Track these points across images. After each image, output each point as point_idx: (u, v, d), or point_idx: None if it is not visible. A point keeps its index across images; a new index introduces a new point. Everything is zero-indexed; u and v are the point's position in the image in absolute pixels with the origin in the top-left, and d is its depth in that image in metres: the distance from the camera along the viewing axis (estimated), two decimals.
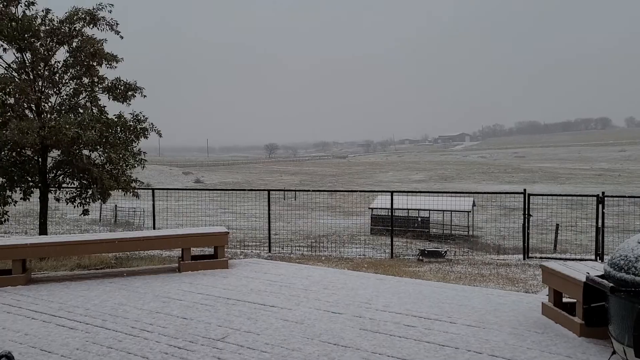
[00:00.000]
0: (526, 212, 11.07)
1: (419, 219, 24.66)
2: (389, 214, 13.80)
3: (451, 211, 25.15)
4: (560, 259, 11.04)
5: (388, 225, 18.92)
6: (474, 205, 25.83)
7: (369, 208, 25.67)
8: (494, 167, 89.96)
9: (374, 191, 24.18)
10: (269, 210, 12.17)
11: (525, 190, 11.32)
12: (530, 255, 11.15)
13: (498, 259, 11.38)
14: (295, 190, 18.01)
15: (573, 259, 10.46)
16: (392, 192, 12.22)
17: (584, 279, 4.37)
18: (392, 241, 12.02)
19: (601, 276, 3.67)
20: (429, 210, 24.77)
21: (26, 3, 9.00)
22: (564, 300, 5.17)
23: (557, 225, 19.30)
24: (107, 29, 9.42)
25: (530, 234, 11.36)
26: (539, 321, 5.18)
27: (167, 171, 75.30)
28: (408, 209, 23.51)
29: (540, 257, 11.31)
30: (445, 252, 12.01)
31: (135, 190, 9.68)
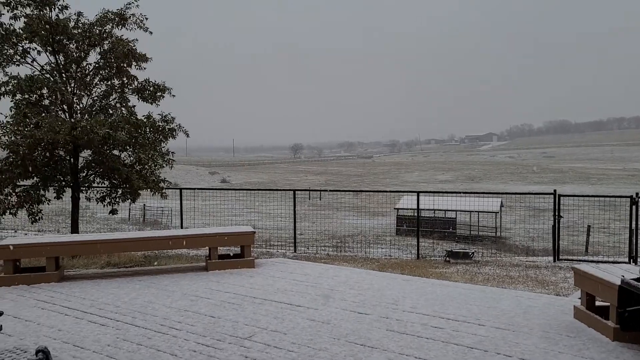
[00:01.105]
0: (557, 213, 10.83)
1: (445, 220, 24.39)
2: (415, 214, 13.69)
3: (478, 212, 24.82)
4: (592, 261, 10.77)
5: (414, 225, 18.76)
6: (501, 206, 25.43)
7: (395, 208, 25.53)
8: (522, 167, 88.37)
9: (400, 191, 24.05)
10: (294, 210, 12.20)
11: (555, 191, 11.08)
12: (560, 257, 10.91)
13: (527, 261, 11.17)
14: (320, 190, 18.03)
15: (606, 262, 10.19)
16: (418, 193, 12.11)
17: (618, 282, 4.26)
18: (418, 242, 11.91)
19: (637, 279, 3.57)
20: (456, 210, 24.51)
21: (60, 7, 9.23)
22: (597, 303, 5.04)
23: (589, 226, 18.84)
24: (135, 27, 9.57)
25: (561, 235, 11.11)
26: (571, 325, 5.06)
27: (193, 171, 76.33)
28: (434, 210, 23.30)
29: (572, 260, 11.05)
30: (473, 253, 11.84)
31: (164, 191, 9.81)
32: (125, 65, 9.55)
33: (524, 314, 5.43)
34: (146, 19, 9.58)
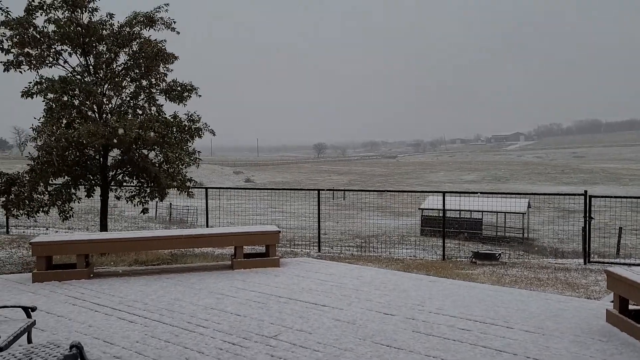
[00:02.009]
0: (587, 215, 10.57)
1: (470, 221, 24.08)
2: (440, 214, 13.54)
3: (505, 212, 24.41)
4: (624, 264, 10.48)
5: (439, 226, 18.56)
6: (529, 206, 24.97)
7: (419, 209, 25.32)
8: (551, 168, 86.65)
9: (425, 191, 23.81)
10: (318, 209, 12.20)
11: (586, 191, 10.82)
12: (591, 259, 10.64)
13: (556, 263, 10.94)
14: (344, 190, 17.99)
15: (638, 264, 9.91)
16: (444, 193, 11.97)
17: None
18: (443, 242, 11.77)
19: None
20: (482, 211, 24.16)
21: (90, 9, 9.42)
22: (631, 307, 4.90)
23: (620, 228, 18.35)
24: (163, 28, 9.70)
25: (591, 237, 10.83)
26: (603, 329, 4.94)
27: (218, 170, 77.08)
28: (460, 210, 23.04)
29: (603, 262, 10.78)
30: (500, 254, 11.66)
31: (190, 190, 9.92)
32: (153, 66, 9.69)
33: (554, 317, 5.31)
34: (174, 22, 9.72)
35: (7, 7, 8.75)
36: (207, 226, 12.71)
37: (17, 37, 8.72)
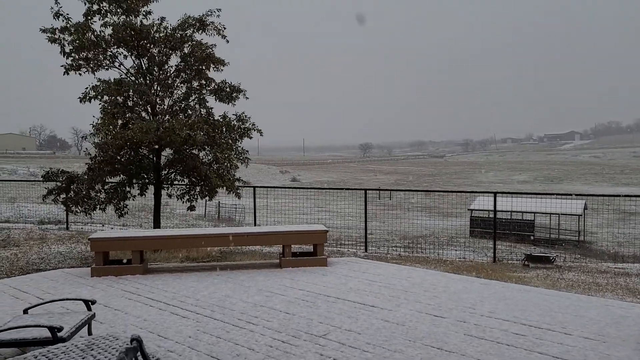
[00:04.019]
0: None
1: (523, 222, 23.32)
2: (490, 215, 13.19)
3: (559, 214, 23.50)
4: None
5: (488, 227, 18.11)
6: (585, 208, 23.93)
7: (468, 209, 24.75)
8: (609, 168, 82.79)
9: (475, 192, 23.22)
10: (365, 209, 12.14)
11: None
12: None
13: (615, 267, 10.43)
14: (391, 190, 17.81)
15: None
16: (495, 193, 11.65)
17: None
18: (494, 244, 11.45)
19: None
20: (534, 212, 23.35)
21: (144, 13, 9.74)
22: None
23: None
24: (215, 33, 9.91)
25: None
26: None
27: (265, 170, 78.13)
28: (511, 211, 22.36)
29: None
30: (554, 257, 11.23)
31: (238, 190, 10.08)
32: (204, 68, 9.91)
33: (616, 324, 5.06)
34: (224, 28, 9.91)
35: (67, 14, 9.17)
36: (255, 224, 12.88)
37: (77, 41, 9.11)
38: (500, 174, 78.64)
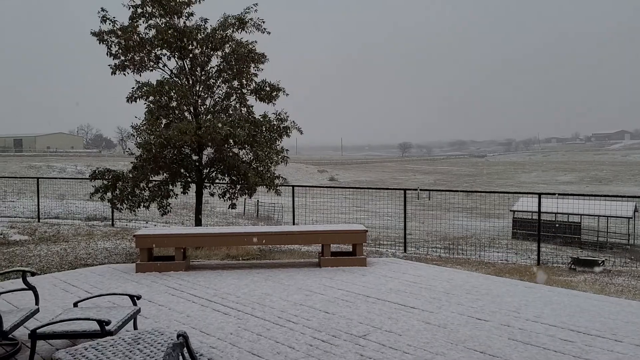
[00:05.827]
0: None
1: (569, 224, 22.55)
2: (533, 217, 12.80)
3: (607, 217, 22.58)
4: None
5: (531, 229, 17.59)
6: (635, 210, 22.93)
7: (511, 210, 24.12)
8: None
9: (518, 192, 22.61)
10: (404, 209, 12.00)
11: None
12: None
13: None
14: (430, 190, 17.56)
15: None
16: (539, 194, 11.31)
17: None
18: (539, 247, 11.12)
19: None
20: (581, 214, 22.53)
21: (186, 14, 9.93)
22: None
23: None
24: (254, 30, 9.96)
25: None
26: None
27: (303, 169, 78.45)
28: (556, 213, 21.66)
29: None
30: (603, 261, 10.81)
31: (278, 188, 10.15)
32: (244, 67, 10.01)
33: None
34: (263, 22, 9.94)
35: (114, 17, 9.46)
36: (294, 223, 12.95)
37: (124, 43, 9.40)
38: (543, 175, 76.40)
